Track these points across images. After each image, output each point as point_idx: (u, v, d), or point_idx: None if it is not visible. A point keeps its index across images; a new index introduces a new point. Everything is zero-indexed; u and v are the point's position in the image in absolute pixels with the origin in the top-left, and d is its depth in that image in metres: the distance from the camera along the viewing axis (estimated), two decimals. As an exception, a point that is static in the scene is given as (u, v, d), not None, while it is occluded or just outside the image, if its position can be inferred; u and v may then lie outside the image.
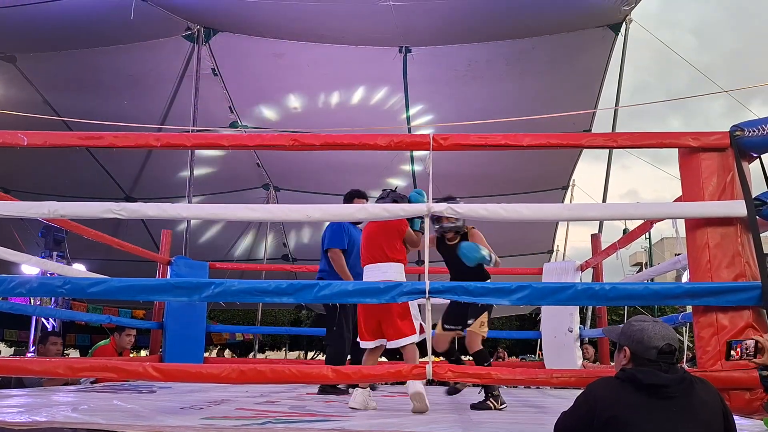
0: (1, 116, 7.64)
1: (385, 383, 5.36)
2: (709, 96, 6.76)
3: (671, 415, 1.90)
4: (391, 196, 3.66)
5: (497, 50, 8.45)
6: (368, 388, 3.49)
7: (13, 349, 17.54)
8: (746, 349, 2.65)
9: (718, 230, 2.93)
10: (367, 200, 4.55)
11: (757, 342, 2.65)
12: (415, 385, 3.25)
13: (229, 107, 9.65)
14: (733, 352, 2.69)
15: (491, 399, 3.61)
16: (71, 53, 8.68)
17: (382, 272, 3.57)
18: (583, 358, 6.30)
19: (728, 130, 3.00)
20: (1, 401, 3.32)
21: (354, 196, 4.68)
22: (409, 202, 3.57)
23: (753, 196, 2.91)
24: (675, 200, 3.46)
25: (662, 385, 1.94)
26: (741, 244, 2.89)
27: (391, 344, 3.56)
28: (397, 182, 10.32)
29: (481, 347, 3.83)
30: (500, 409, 3.58)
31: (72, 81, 9.15)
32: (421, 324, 3.53)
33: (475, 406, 3.60)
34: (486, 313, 3.86)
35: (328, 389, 4.42)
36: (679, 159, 3.13)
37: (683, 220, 3.13)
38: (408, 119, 9.30)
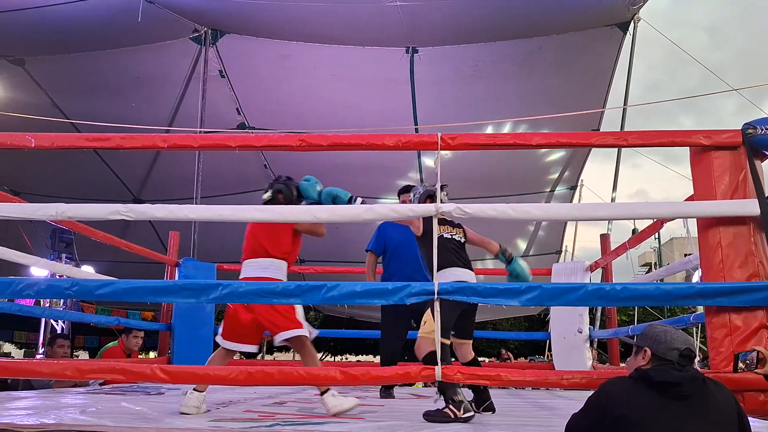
0: (9, 119, 7.68)
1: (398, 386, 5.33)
2: (720, 94, 6.71)
3: (682, 414, 1.88)
4: (274, 186, 3.55)
5: (504, 50, 8.42)
6: (201, 392, 3.15)
7: (23, 351, 17.64)
8: (749, 360, 2.63)
9: (730, 230, 2.89)
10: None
11: (758, 353, 2.63)
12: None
13: (237, 109, 9.67)
14: (741, 364, 2.67)
15: (451, 406, 2.90)
16: (79, 56, 8.72)
17: (262, 268, 3.37)
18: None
19: (740, 128, 2.97)
20: (10, 403, 3.32)
21: (401, 192, 4.75)
22: (299, 189, 3.47)
23: (766, 195, 2.88)
24: (686, 199, 3.42)
25: (674, 383, 1.93)
26: (754, 243, 2.86)
27: (279, 336, 3.28)
28: (404, 183, 10.31)
29: (430, 350, 2.99)
30: (463, 420, 2.87)
31: (80, 83, 9.20)
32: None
33: (430, 417, 2.90)
34: (428, 311, 3.05)
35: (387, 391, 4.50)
36: (691, 158, 3.10)
37: (695, 220, 3.10)
38: (415, 120, 9.27)
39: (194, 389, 3.15)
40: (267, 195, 3.56)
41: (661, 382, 1.93)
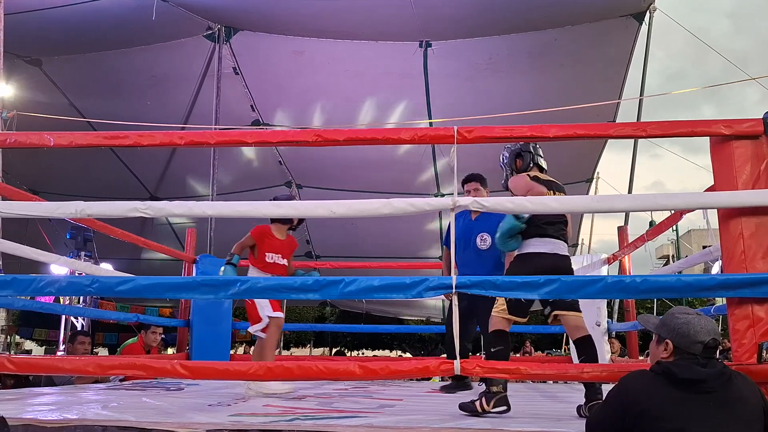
0: (27, 119, 7.76)
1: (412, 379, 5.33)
2: (743, 83, 6.61)
3: (706, 409, 1.84)
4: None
5: (518, 43, 8.37)
6: None
7: (43, 348, 17.88)
8: None
9: (752, 220, 2.85)
10: (480, 183, 4.50)
11: None
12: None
13: (251, 106, 9.70)
14: (766, 354, 2.63)
15: (483, 399, 2.97)
16: (95, 55, 8.80)
17: None
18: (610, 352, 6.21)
19: (762, 117, 2.92)
20: (33, 399, 3.37)
21: (465, 181, 4.63)
22: None
23: (789, 185, 2.83)
24: (706, 190, 3.38)
25: (699, 380, 1.88)
26: (777, 233, 2.81)
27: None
28: (419, 178, 10.30)
29: (496, 328, 3.22)
30: (492, 413, 2.94)
31: (96, 83, 9.29)
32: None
33: (462, 407, 3.02)
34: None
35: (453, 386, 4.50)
36: (711, 147, 3.05)
37: (715, 211, 3.05)
38: (429, 114, 9.25)
39: None
40: None
41: (686, 380, 1.88)
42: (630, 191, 9.06)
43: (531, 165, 3.55)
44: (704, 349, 1.94)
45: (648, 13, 7.98)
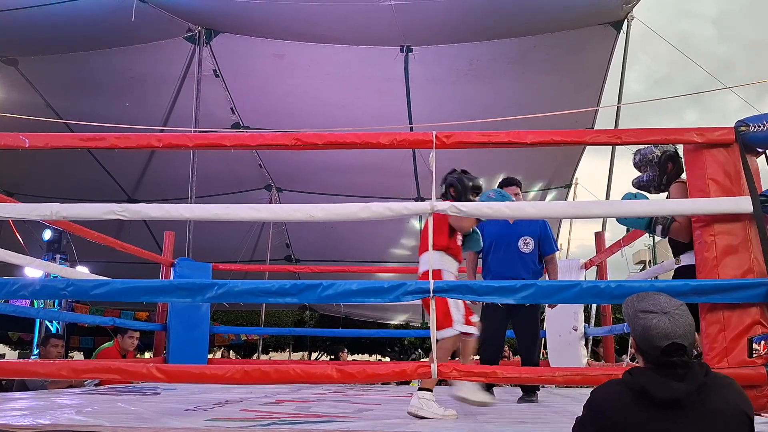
0: (3, 120, 7.65)
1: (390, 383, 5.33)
2: (725, 90, 6.73)
3: (681, 424, 1.75)
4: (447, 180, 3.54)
5: (499, 49, 8.43)
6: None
7: (17, 352, 17.60)
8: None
9: (724, 227, 2.91)
10: (519, 187, 4.54)
11: None
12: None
13: (231, 108, 9.65)
14: (756, 346, 2.66)
15: None
16: (73, 56, 8.69)
17: (423, 262, 3.26)
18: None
19: (733, 126, 2.99)
20: (5, 404, 3.31)
21: (502, 184, 4.58)
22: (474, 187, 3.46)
23: (759, 192, 2.90)
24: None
25: (673, 399, 1.75)
26: (748, 240, 2.88)
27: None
28: (399, 182, 10.31)
29: None
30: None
31: (74, 84, 9.17)
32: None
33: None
34: None
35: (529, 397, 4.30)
36: (684, 155, 3.11)
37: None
38: (410, 119, 9.27)
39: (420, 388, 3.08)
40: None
41: (662, 399, 1.76)
42: (608, 197, 9.14)
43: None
44: (663, 353, 1.81)
45: (626, 22, 8.10)
